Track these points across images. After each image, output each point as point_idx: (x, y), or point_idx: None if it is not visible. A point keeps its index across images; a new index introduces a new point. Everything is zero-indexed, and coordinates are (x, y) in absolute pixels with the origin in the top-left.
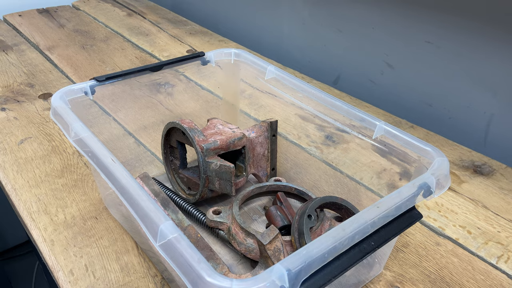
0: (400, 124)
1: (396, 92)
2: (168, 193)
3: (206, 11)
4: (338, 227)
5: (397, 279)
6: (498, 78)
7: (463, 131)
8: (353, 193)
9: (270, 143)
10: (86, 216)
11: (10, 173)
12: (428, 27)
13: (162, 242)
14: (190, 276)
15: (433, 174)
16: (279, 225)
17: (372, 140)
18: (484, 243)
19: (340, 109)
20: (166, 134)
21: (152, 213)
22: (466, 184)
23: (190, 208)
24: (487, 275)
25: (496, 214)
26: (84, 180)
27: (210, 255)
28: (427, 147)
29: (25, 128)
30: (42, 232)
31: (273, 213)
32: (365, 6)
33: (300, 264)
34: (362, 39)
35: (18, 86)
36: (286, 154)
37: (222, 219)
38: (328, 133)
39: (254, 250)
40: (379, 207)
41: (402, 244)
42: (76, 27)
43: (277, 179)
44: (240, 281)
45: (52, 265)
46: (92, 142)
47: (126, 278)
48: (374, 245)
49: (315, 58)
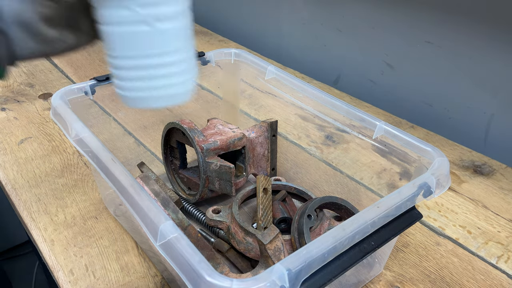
0: (400, 124)
1: (396, 92)
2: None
3: (206, 11)
4: (338, 227)
5: (397, 279)
6: (498, 78)
7: (463, 131)
8: (353, 193)
9: (270, 143)
10: (86, 216)
11: (10, 173)
12: (428, 27)
13: (162, 242)
14: (190, 276)
15: (433, 174)
16: (279, 216)
17: (372, 140)
18: (484, 243)
19: (340, 109)
20: (166, 134)
21: (152, 213)
22: (466, 184)
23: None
24: (487, 275)
25: (496, 214)
26: (84, 180)
27: (210, 255)
28: (427, 147)
29: (25, 128)
30: (42, 232)
31: (275, 206)
32: (365, 6)
33: (300, 264)
34: (362, 39)
35: (18, 86)
36: (286, 154)
37: (221, 218)
38: (328, 133)
39: (254, 249)
40: (379, 207)
41: (402, 244)
42: None
43: (277, 179)
44: (240, 281)
45: (52, 265)
46: (92, 142)
47: (126, 278)
48: (374, 245)
49: (315, 58)
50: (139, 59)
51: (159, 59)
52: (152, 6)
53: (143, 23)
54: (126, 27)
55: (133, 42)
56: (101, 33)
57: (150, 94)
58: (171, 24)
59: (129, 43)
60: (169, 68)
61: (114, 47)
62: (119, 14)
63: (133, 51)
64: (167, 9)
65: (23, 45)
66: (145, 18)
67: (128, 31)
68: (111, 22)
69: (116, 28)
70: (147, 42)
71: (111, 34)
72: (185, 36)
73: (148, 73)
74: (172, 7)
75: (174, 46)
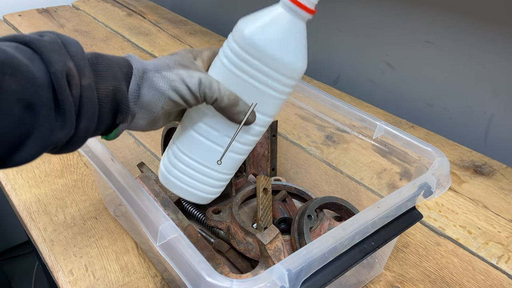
0: (400, 124)
1: (396, 92)
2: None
3: (206, 11)
4: (338, 227)
5: (397, 279)
6: (498, 78)
7: (463, 131)
8: (353, 193)
9: (270, 143)
10: (86, 216)
11: (10, 173)
12: (428, 27)
13: (162, 242)
14: (190, 276)
15: (433, 174)
16: (279, 216)
17: (372, 140)
18: (485, 243)
19: (340, 109)
20: (166, 134)
21: (152, 213)
22: (466, 184)
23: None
24: (487, 275)
25: (496, 214)
26: (84, 180)
27: (210, 255)
28: (427, 147)
29: None
30: (42, 232)
31: (275, 206)
32: (365, 6)
33: (301, 264)
34: (362, 39)
35: None
36: (286, 154)
37: (221, 218)
38: (328, 133)
39: (254, 250)
40: (380, 207)
41: (402, 244)
42: (76, 27)
43: (277, 179)
44: (241, 281)
45: (52, 265)
46: (92, 142)
47: (126, 278)
48: (375, 245)
49: (315, 58)
50: (198, 163)
51: (211, 171)
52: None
53: (220, 146)
54: (208, 142)
55: (203, 152)
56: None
57: (182, 186)
58: (236, 156)
59: (201, 151)
60: (212, 180)
61: (186, 146)
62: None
63: (198, 157)
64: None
65: (137, 122)
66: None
67: (207, 144)
68: (199, 133)
69: (200, 137)
70: (211, 157)
71: (193, 138)
72: (237, 166)
73: (196, 175)
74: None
75: (226, 169)
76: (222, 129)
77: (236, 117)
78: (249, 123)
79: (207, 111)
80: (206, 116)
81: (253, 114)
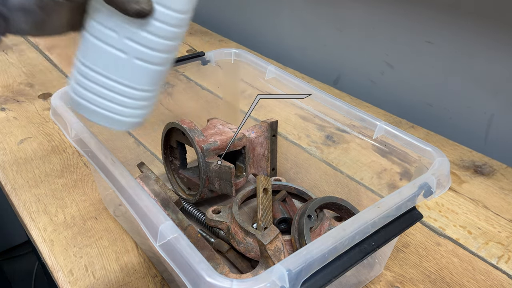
0: (400, 124)
1: (396, 92)
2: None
3: (206, 11)
4: (338, 227)
5: (397, 279)
6: (498, 78)
7: (463, 131)
8: (354, 193)
9: (270, 143)
10: (86, 216)
11: (10, 173)
12: (428, 27)
13: (162, 242)
14: (190, 276)
15: (433, 174)
16: (279, 216)
17: (373, 140)
18: (485, 243)
19: (340, 109)
20: (166, 134)
21: (152, 213)
22: (466, 184)
23: (188, 207)
24: (487, 275)
25: (496, 214)
26: (84, 180)
27: (210, 255)
28: (427, 147)
29: (25, 128)
30: (42, 232)
31: (275, 206)
32: (365, 6)
33: (301, 264)
34: (362, 39)
35: (17, 86)
36: (286, 154)
37: (221, 218)
38: (328, 133)
39: (253, 250)
40: (380, 207)
41: (402, 244)
42: None
43: (277, 179)
44: (241, 281)
45: (52, 265)
46: (92, 142)
47: (126, 279)
48: (375, 245)
49: (315, 58)
50: (103, 77)
51: (121, 87)
52: (139, 44)
53: (122, 52)
54: (107, 46)
55: (106, 61)
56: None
57: (96, 109)
58: (148, 66)
59: (102, 60)
60: (125, 98)
61: (87, 57)
62: (106, 33)
63: (102, 68)
64: (152, 53)
65: (17, 26)
66: (127, 50)
67: (106, 50)
68: (96, 36)
69: (98, 42)
70: (118, 68)
71: (91, 44)
72: (155, 80)
73: (105, 92)
74: (157, 54)
75: (140, 84)
76: (120, 29)
77: (126, 6)
78: (144, 15)
79: (100, 7)
80: (99, 13)
81: (147, 2)
